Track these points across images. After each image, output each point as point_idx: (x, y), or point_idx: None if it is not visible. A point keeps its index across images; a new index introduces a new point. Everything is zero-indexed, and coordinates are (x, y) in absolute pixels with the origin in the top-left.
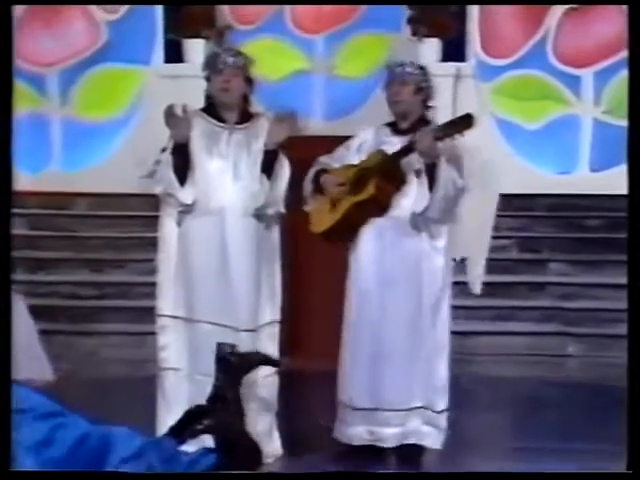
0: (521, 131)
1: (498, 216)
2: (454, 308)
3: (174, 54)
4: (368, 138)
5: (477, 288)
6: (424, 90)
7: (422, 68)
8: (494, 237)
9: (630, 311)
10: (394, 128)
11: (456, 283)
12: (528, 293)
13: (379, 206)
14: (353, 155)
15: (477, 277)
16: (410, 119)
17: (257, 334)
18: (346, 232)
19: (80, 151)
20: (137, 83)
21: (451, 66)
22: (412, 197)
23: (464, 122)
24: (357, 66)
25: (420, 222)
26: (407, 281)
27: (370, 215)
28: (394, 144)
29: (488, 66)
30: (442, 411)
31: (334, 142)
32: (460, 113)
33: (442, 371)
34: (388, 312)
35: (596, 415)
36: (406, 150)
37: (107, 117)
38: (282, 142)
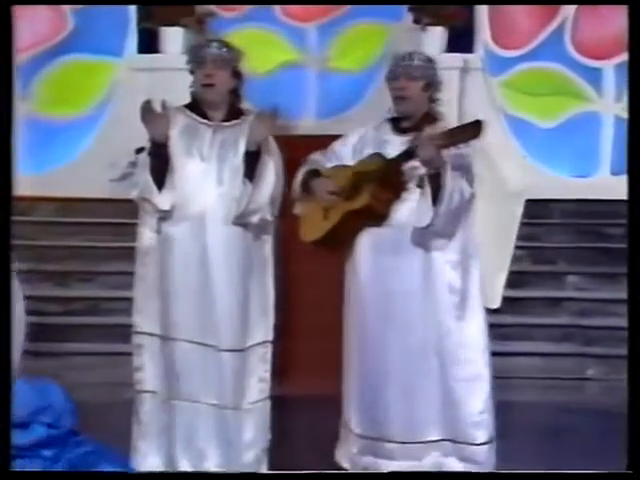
0: (535, 130)
1: None
2: None
3: (149, 44)
4: (367, 135)
5: (496, 302)
6: (433, 85)
7: (430, 60)
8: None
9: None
10: (396, 125)
11: None
12: (543, 310)
13: (375, 216)
14: (349, 154)
15: (496, 290)
16: (416, 116)
17: (245, 355)
18: (338, 242)
19: (43, 152)
20: (107, 76)
21: (457, 58)
22: (413, 206)
23: (472, 130)
24: (353, 58)
25: (423, 238)
26: (412, 301)
27: (365, 225)
28: (395, 144)
29: (498, 58)
30: (483, 443)
31: (328, 142)
32: (467, 110)
33: (477, 399)
34: (393, 333)
35: (619, 444)
36: (407, 155)
37: (74, 114)
38: (263, 141)
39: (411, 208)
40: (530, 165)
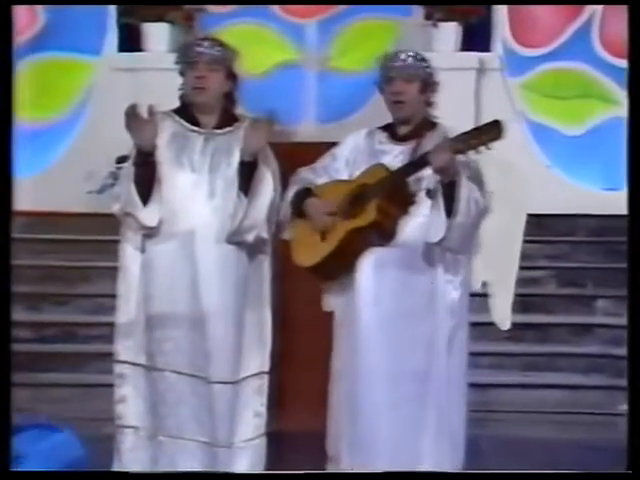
0: (559, 137)
1: (531, 242)
2: (474, 355)
3: (130, 41)
4: (359, 146)
5: (506, 323)
6: (430, 86)
7: (425, 59)
8: (526, 268)
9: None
10: (391, 133)
11: (477, 324)
12: (569, 337)
13: (382, 234)
14: (342, 167)
15: (504, 310)
16: (412, 122)
17: (239, 388)
18: (341, 266)
19: (13, 160)
20: (84, 77)
21: (473, 57)
22: (422, 222)
23: (491, 131)
24: (357, 57)
25: (436, 254)
26: (415, 323)
27: (371, 245)
28: (393, 154)
29: (519, 57)
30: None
31: (329, 149)
32: (484, 115)
33: (456, 428)
34: (386, 360)
35: None
36: (416, 165)
37: (46, 118)
38: (259, 150)
39: (420, 223)
40: (554, 176)
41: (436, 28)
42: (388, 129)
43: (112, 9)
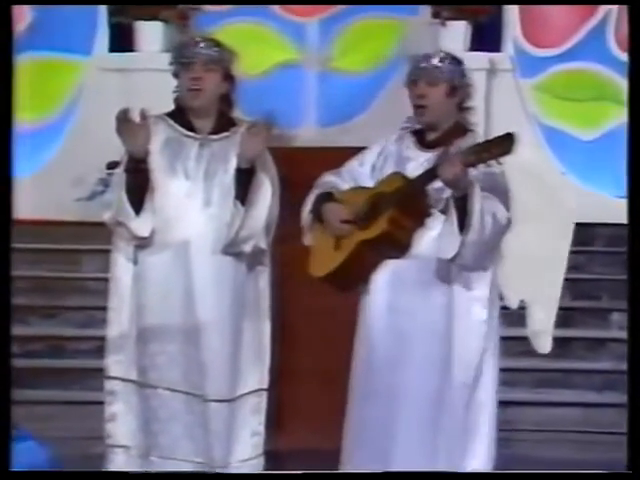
0: (574, 141)
1: None
2: (515, 371)
3: (122, 41)
4: (387, 151)
5: (546, 345)
6: (459, 90)
7: (456, 60)
8: None
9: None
10: (420, 139)
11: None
12: (584, 352)
13: (394, 245)
14: (367, 172)
15: (544, 330)
16: (442, 128)
17: (236, 406)
18: (352, 277)
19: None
20: (73, 77)
21: (483, 57)
22: (438, 235)
23: (503, 144)
24: (360, 58)
25: (449, 272)
26: (432, 341)
27: (383, 256)
28: (419, 161)
29: (531, 57)
30: None
31: (331, 155)
32: (494, 118)
33: (480, 458)
34: (404, 381)
35: None
36: (431, 174)
37: (33, 121)
38: (257, 156)
39: (435, 237)
40: (569, 183)
41: (444, 27)
42: (417, 134)
43: (103, 7)
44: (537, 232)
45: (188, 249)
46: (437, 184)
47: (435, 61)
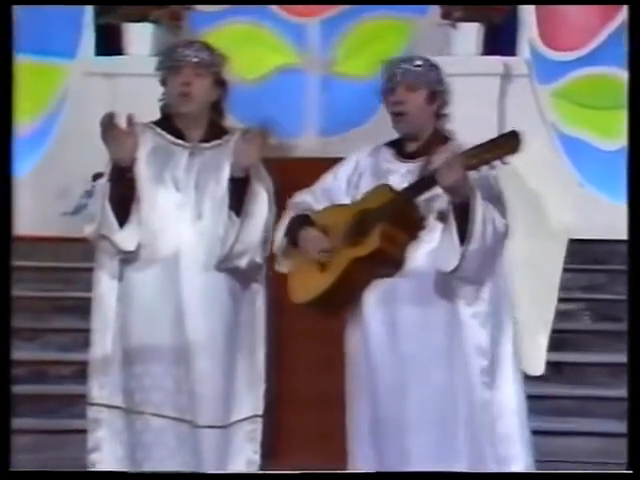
0: (594, 151)
1: (563, 270)
2: None
3: (109, 44)
4: (362, 164)
5: (539, 367)
6: (439, 96)
7: (433, 65)
8: (558, 299)
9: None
10: (398, 150)
11: None
12: (604, 379)
13: (387, 263)
14: (343, 189)
15: (539, 352)
16: (421, 137)
17: (230, 433)
18: (342, 299)
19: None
20: (56, 82)
21: (497, 61)
22: (435, 248)
23: (507, 144)
24: (365, 61)
25: (448, 285)
26: (435, 365)
27: (376, 275)
28: (400, 173)
29: (548, 61)
30: None
31: (333, 166)
32: (509, 127)
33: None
34: (412, 406)
35: None
36: (423, 185)
37: (14, 129)
38: (252, 165)
39: (431, 250)
40: (588, 196)
41: (455, 29)
42: (395, 145)
43: (89, 8)
44: (525, 246)
45: (177, 265)
46: (429, 194)
47: (413, 66)
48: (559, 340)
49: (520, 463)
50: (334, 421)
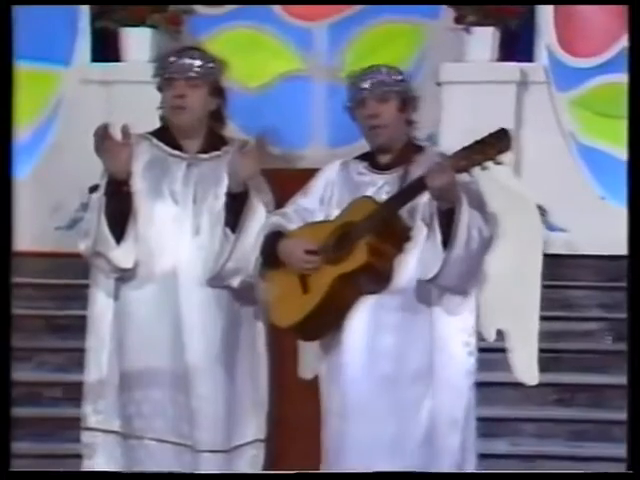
0: (615, 163)
1: (583, 288)
2: (517, 421)
3: (106, 49)
4: (334, 180)
5: (532, 379)
6: (409, 103)
7: (399, 72)
8: (577, 319)
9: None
10: (371, 162)
11: (518, 385)
12: (625, 402)
13: (375, 277)
14: (316, 207)
15: (528, 365)
16: (395, 148)
17: (231, 457)
18: (330, 320)
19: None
20: (50, 90)
21: (513, 68)
22: (419, 254)
23: (497, 143)
24: None
25: (430, 293)
26: (416, 382)
27: (363, 291)
28: (377, 185)
29: (567, 68)
30: None
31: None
32: (526, 135)
33: None
34: (385, 431)
35: None
36: (408, 193)
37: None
38: (250, 179)
39: (418, 262)
40: (609, 209)
41: (469, 34)
42: (367, 158)
43: (85, 10)
44: (506, 251)
45: (175, 282)
46: (412, 204)
47: (381, 76)
48: (579, 360)
49: None
50: None
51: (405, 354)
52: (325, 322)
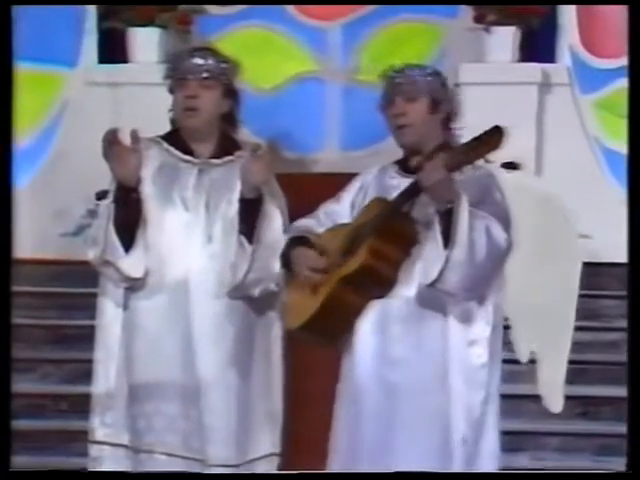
0: None
1: (608, 297)
2: (540, 435)
3: (113, 51)
4: (368, 184)
5: (555, 403)
6: (443, 105)
7: (435, 71)
8: (602, 329)
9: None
10: (402, 165)
11: (537, 396)
12: None
13: (377, 280)
14: (346, 211)
15: (552, 386)
16: (425, 150)
17: (244, 471)
18: (332, 325)
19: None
20: (55, 92)
21: (535, 69)
22: (422, 258)
23: (491, 140)
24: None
25: (440, 300)
26: (427, 393)
27: (366, 295)
28: (402, 188)
29: (591, 69)
30: None
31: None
32: (548, 139)
33: None
34: (395, 441)
35: None
36: (411, 190)
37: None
38: (263, 184)
39: (421, 265)
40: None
41: (489, 34)
42: (401, 161)
43: (91, 10)
44: (543, 268)
45: (187, 292)
46: (422, 203)
47: (413, 74)
48: (604, 372)
49: None
50: None
51: (415, 363)
52: (329, 325)
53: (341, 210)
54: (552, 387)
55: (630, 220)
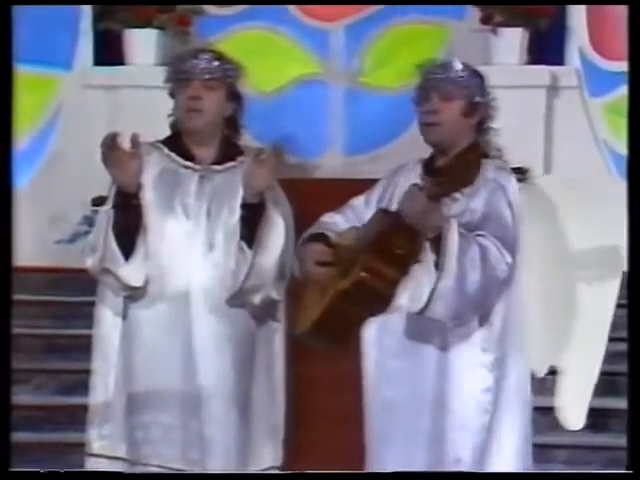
0: None
1: (619, 306)
2: (546, 447)
3: (109, 52)
4: (395, 183)
5: (576, 421)
6: (479, 108)
7: (476, 72)
8: (609, 339)
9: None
10: (427, 165)
11: (548, 409)
12: None
13: (373, 297)
14: (372, 205)
15: (579, 405)
16: (452, 152)
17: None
18: (332, 334)
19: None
20: (50, 95)
21: (543, 71)
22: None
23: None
24: (394, 71)
25: (443, 328)
26: (422, 413)
27: (363, 310)
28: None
29: (601, 71)
30: None
31: (360, 187)
32: (556, 143)
33: None
34: (391, 460)
35: None
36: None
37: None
38: (266, 190)
39: (410, 290)
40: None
41: (496, 35)
42: (428, 161)
43: (87, 11)
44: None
45: (187, 301)
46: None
47: (452, 73)
48: (613, 383)
49: None
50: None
51: (411, 381)
52: (328, 335)
53: (368, 209)
54: (575, 402)
55: (630, 219)
